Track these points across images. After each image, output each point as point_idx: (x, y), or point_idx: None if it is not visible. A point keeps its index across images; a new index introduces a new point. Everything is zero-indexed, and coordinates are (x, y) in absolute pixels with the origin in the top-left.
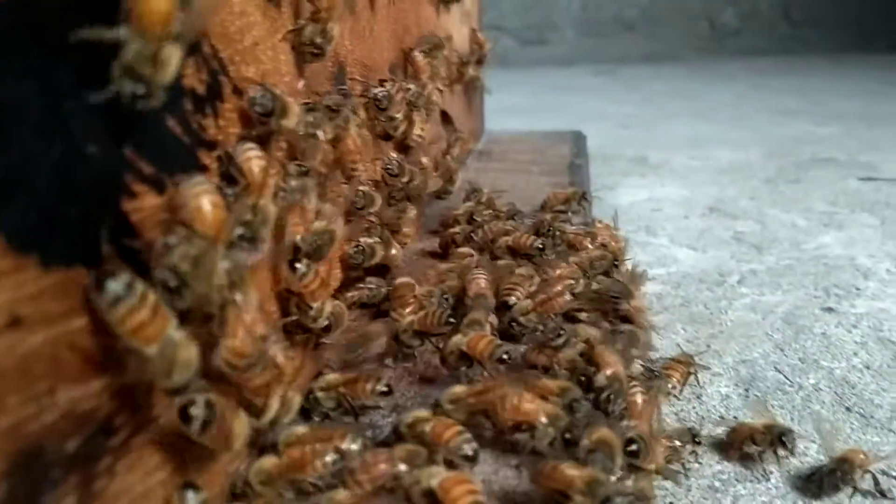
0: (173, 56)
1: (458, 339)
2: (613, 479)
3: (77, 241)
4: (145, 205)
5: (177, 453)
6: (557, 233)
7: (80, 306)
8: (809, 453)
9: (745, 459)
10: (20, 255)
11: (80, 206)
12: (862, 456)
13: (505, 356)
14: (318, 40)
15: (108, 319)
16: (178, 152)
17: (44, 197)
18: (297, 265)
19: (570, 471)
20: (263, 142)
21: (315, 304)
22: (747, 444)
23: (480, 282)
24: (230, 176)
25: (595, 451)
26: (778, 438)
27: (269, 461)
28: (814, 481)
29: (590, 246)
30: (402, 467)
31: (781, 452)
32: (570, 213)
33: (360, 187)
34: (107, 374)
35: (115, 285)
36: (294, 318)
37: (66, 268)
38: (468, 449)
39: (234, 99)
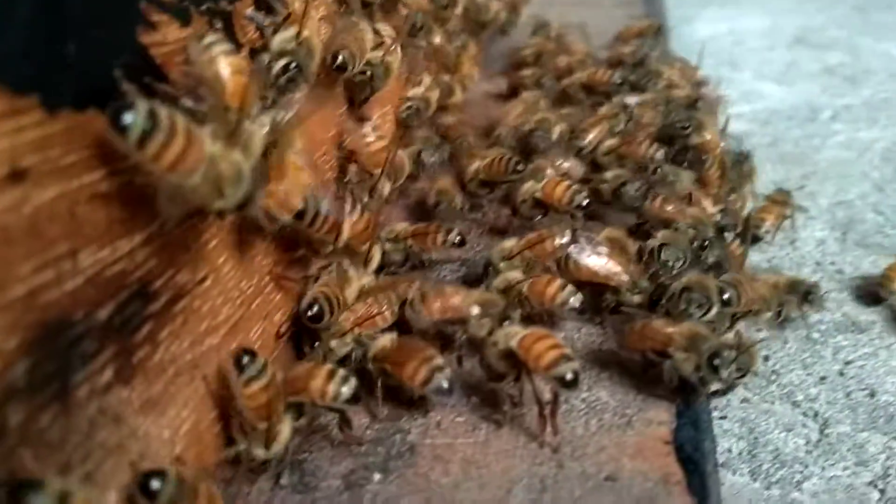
0: None
1: (530, 186)
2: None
3: (86, 81)
4: (168, 38)
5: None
6: (651, 70)
7: (98, 155)
8: None
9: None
10: (15, 97)
11: (83, 38)
12: None
13: (585, 202)
14: None
15: (139, 161)
16: None
17: (32, 27)
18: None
19: (667, 328)
20: None
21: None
22: None
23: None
24: (267, 6)
25: (689, 291)
26: None
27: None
28: None
29: (680, 83)
30: (475, 310)
31: None
32: (645, 48)
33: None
34: (138, 231)
35: (134, 119)
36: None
37: (75, 111)
38: (576, 302)
39: None
